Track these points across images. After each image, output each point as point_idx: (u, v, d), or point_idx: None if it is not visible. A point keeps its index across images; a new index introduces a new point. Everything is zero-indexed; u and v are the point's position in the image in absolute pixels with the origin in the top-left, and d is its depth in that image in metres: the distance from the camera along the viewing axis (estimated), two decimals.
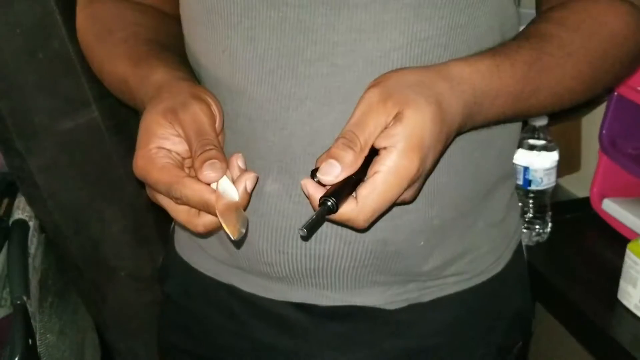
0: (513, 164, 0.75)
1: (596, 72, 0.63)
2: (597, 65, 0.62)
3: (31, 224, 1.15)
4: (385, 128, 0.51)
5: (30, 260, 1.10)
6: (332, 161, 0.51)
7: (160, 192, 0.55)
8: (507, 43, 0.60)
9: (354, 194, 0.52)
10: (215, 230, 0.57)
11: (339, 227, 0.63)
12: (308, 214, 0.63)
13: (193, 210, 0.55)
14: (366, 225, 0.53)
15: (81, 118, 1.11)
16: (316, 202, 0.51)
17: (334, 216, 0.52)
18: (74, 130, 1.11)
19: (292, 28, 0.59)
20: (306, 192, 0.53)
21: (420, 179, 0.53)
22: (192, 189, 0.53)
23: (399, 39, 0.58)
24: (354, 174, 0.51)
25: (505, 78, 0.56)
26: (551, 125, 1.03)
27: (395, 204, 0.53)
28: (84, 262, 1.21)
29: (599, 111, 1.09)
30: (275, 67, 0.60)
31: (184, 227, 0.58)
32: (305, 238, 0.51)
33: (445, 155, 0.63)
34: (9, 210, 1.17)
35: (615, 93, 1.00)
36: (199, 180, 0.53)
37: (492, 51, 0.58)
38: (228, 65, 0.61)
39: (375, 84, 0.53)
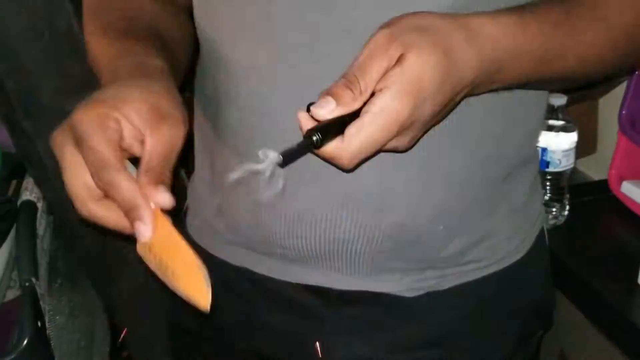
0: (536, 146, 0.73)
1: (630, 41, 0.59)
2: (632, 33, 0.59)
3: (39, 205, 1.14)
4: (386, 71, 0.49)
5: (38, 242, 1.09)
6: (329, 97, 0.49)
7: (87, 161, 0.51)
8: (538, 2, 0.56)
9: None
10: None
11: (354, 211, 0.61)
12: (322, 195, 0.62)
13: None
14: (351, 166, 0.51)
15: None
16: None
17: (318, 151, 0.50)
18: None
19: (312, 3, 0.56)
20: (299, 125, 0.50)
21: (414, 128, 0.51)
22: (128, 184, 0.49)
23: None
24: (347, 117, 0.49)
25: (530, 37, 0.53)
26: (568, 106, 1.01)
27: (385, 150, 0.51)
28: (92, 244, 1.20)
29: (616, 93, 1.07)
30: (294, 44, 0.58)
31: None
32: (281, 165, 0.49)
33: (467, 136, 0.61)
34: (17, 192, 1.16)
35: (637, 72, 0.97)
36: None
37: (521, 8, 0.55)
38: (244, 41, 0.59)
39: (385, 25, 0.51)
